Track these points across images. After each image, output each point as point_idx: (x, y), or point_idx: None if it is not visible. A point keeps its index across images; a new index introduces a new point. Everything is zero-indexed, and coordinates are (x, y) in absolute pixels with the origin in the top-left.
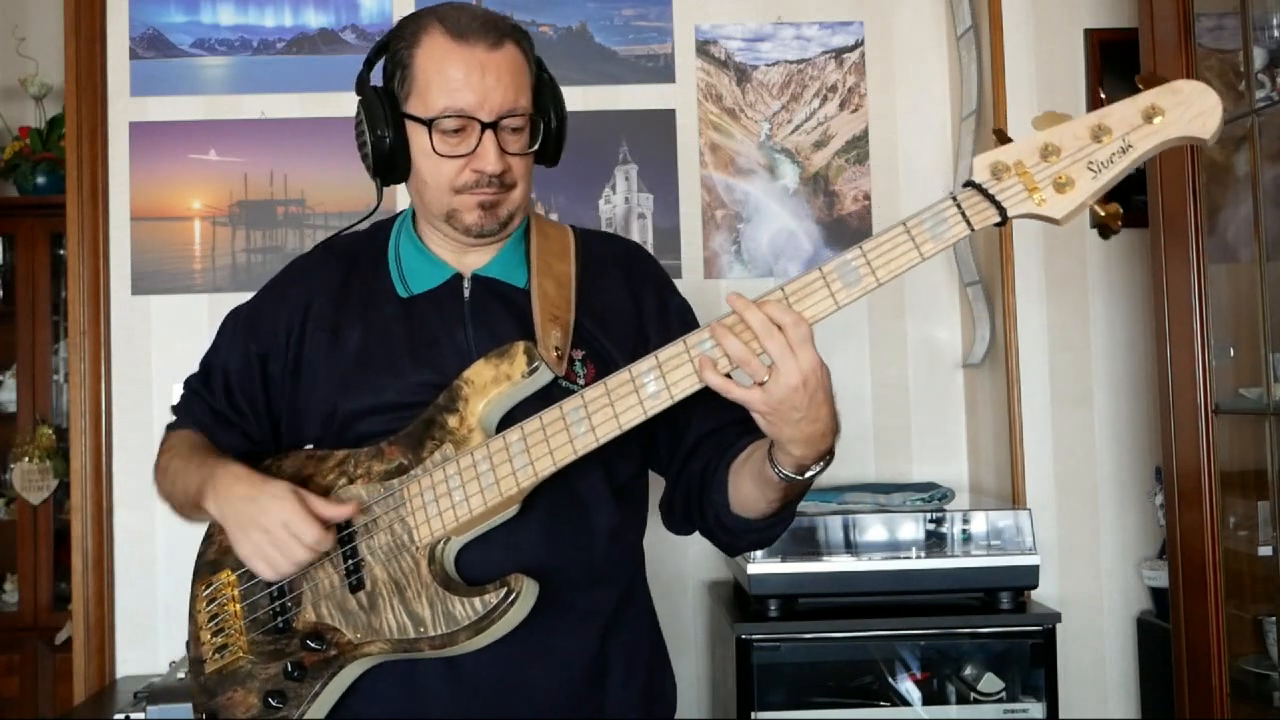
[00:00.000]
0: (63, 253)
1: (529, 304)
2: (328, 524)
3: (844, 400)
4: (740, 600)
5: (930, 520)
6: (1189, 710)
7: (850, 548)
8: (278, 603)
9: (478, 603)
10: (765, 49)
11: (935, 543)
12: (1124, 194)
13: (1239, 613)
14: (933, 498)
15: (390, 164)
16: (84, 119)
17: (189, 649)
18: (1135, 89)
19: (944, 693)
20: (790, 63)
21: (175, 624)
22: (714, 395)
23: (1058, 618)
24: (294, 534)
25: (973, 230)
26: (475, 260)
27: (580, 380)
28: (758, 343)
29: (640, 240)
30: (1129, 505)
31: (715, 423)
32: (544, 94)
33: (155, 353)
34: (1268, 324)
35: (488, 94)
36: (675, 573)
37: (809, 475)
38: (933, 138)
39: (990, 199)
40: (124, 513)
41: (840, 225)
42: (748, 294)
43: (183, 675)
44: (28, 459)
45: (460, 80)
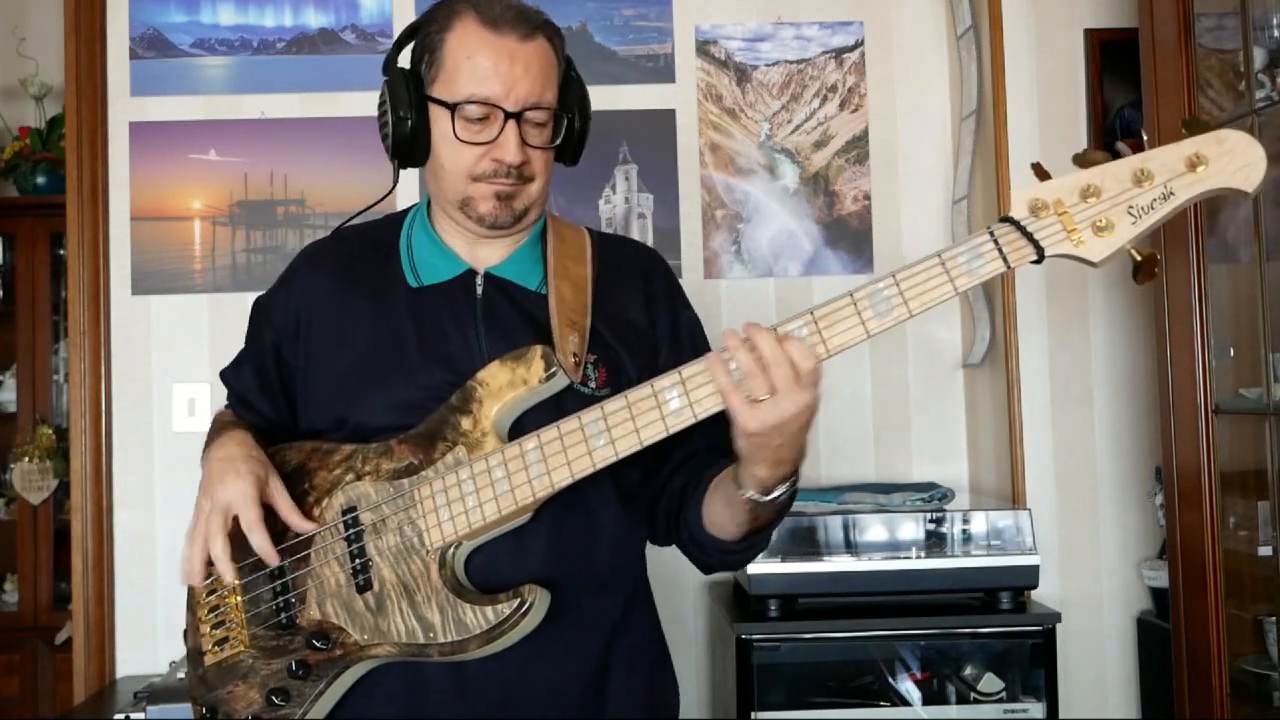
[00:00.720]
0: (63, 253)
1: (544, 307)
2: (289, 534)
3: (844, 400)
4: (740, 600)
5: (930, 520)
6: (1189, 710)
7: (850, 548)
8: (281, 598)
9: (490, 612)
10: (765, 49)
11: (935, 543)
12: None
13: (1239, 613)
14: (933, 498)
15: (409, 147)
16: (84, 119)
17: (186, 639)
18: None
19: (944, 693)
20: (790, 63)
21: (175, 624)
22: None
23: (1058, 618)
24: (239, 513)
25: (1009, 268)
26: (489, 256)
27: (592, 383)
28: (764, 367)
29: (640, 240)
30: (1129, 505)
31: (702, 442)
32: (571, 91)
33: (155, 353)
34: (1268, 324)
35: (515, 84)
36: (675, 573)
37: (773, 498)
38: (933, 138)
39: (1028, 237)
40: (124, 513)
41: (840, 225)
42: (747, 294)
43: (182, 675)
44: (28, 459)
45: (489, 68)
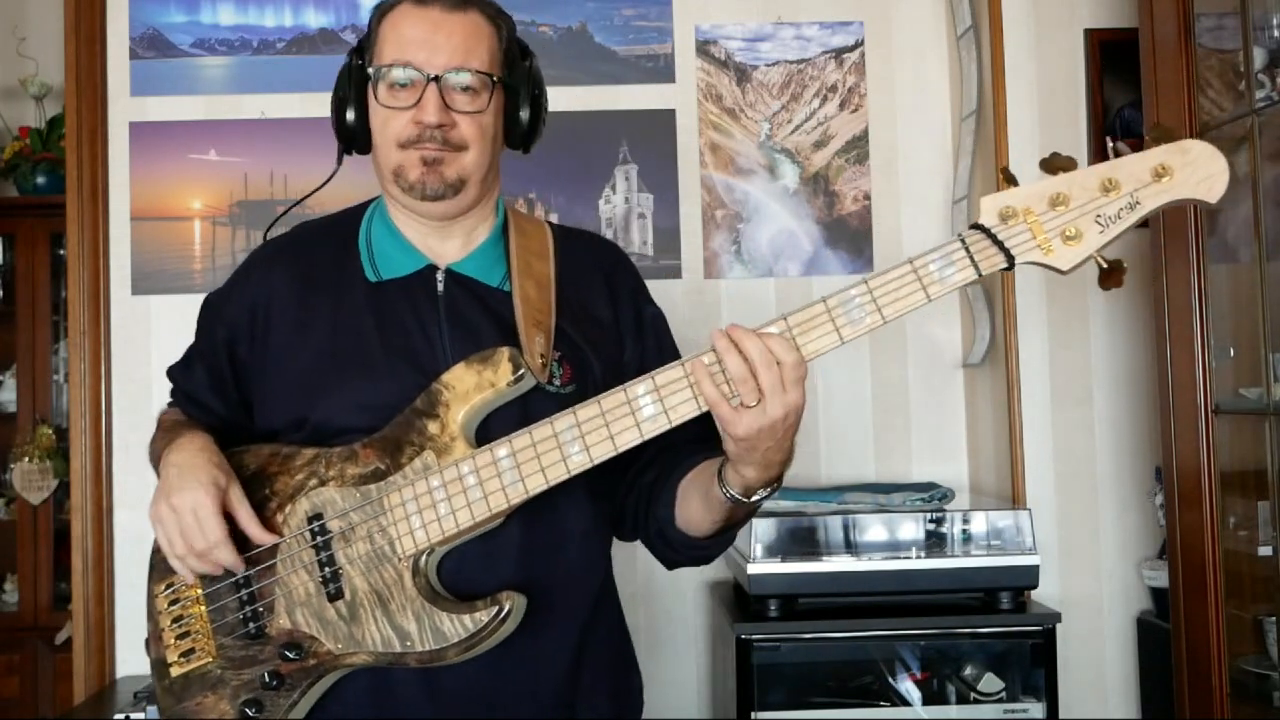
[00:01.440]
0: (63, 253)
1: (508, 306)
2: (247, 546)
3: (844, 400)
4: (740, 600)
5: (930, 520)
6: (1189, 710)
7: (850, 548)
8: (248, 608)
9: (468, 620)
10: (765, 49)
11: (935, 543)
12: None
13: (1239, 613)
14: (933, 498)
15: (351, 129)
16: (84, 119)
17: (149, 649)
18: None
19: (944, 693)
20: (790, 63)
21: None
22: None
23: (1058, 618)
24: (199, 525)
25: (980, 276)
26: (448, 251)
27: (556, 381)
28: (753, 372)
29: (640, 240)
30: (1129, 505)
31: (672, 438)
32: (517, 72)
33: (155, 353)
34: (1268, 324)
35: (436, 49)
36: (675, 573)
37: (755, 499)
38: (933, 138)
39: (999, 244)
40: (124, 513)
41: (840, 225)
42: (747, 294)
43: None
44: (28, 459)
45: (411, 35)
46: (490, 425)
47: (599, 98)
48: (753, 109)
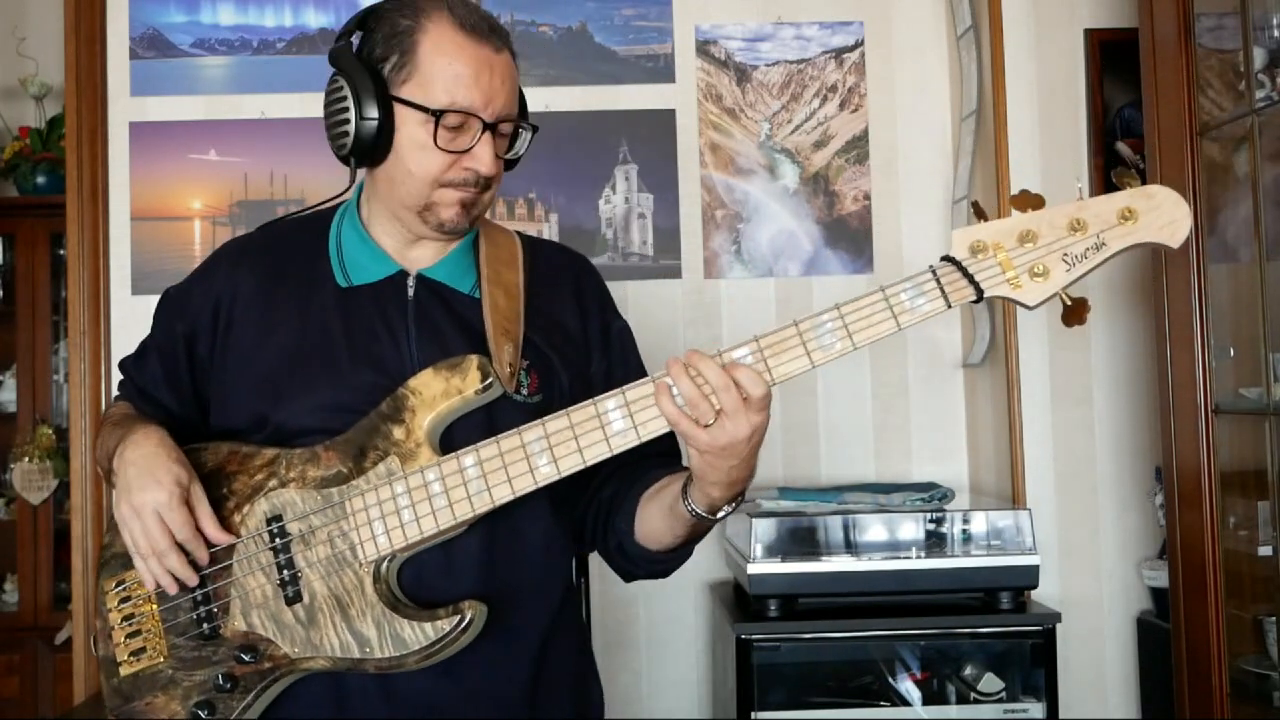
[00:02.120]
0: (63, 253)
1: (478, 313)
2: (210, 542)
3: (844, 400)
4: (740, 600)
5: (930, 520)
6: (1189, 710)
7: (850, 548)
8: (202, 609)
9: (429, 628)
10: (765, 49)
11: (935, 543)
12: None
13: (1239, 613)
14: (933, 498)
15: (371, 148)
16: (84, 119)
17: (96, 647)
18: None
19: (944, 693)
20: (790, 63)
21: None
22: None
23: (1058, 618)
24: (162, 525)
25: (949, 306)
26: (420, 257)
27: (524, 390)
28: (713, 393)
29: (640, 240)
30: (1129, 505)
31: (632, 452)
32: (521, 104)
33: None
34: (1268, 324)
35: (494, 95)
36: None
37: (719, 516)
38: (933, 138)
39: (969, 277)
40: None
41: (840, 225)
42: (747, 294)
43: None
44: (28, 459)
45: (470, 78)
46: (454, 433)
47: (599, 98)
48: (753, 109)
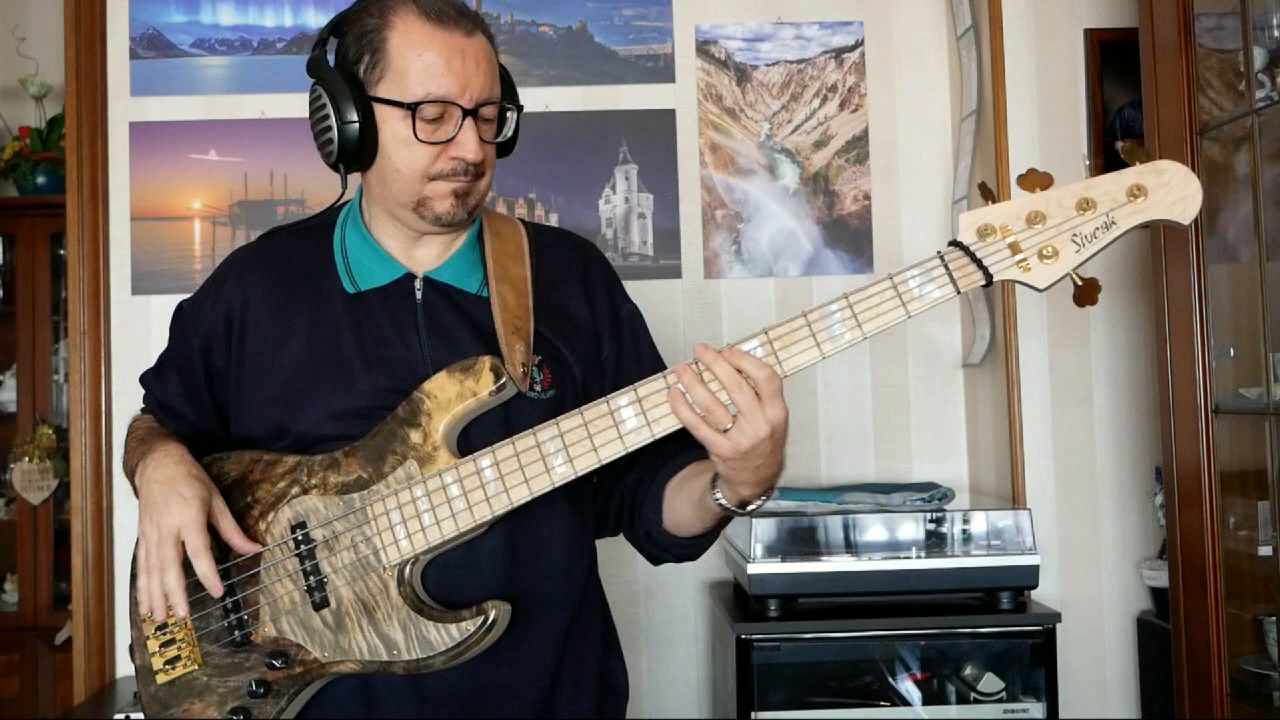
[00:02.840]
0: (63, 253)
1: (487, 313)
2: (228, 556)
3: (844, 400)
4: (740, 600)
5: (930, 520)
6: (1189, 710)
7: (850, 548)
8: (233, 616)
9: (454, 630)
10: (765, 49)
11: (935, 543)
12: None
13: (1239, 613)
14: (933, 498)
15: (358, 151)
16: (84, 119)
17: (133, 655)
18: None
19: (944, 693)
20: (790, 63)
21: None
22: None
23: (1058, 618)
24: (178, 543)
25: (959, 293)
26: (425, 258)
27: (538, 386)
28: (725, 393)
29: (640, 240)
30: (1129, 505)
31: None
32: (505, 84)
33: (155, 353)
34: (1268, 324)
35: (469, 80)
36: (675, 573)
37: (751, 508)
38: (933, 138)
39: (977, 261)
40: (124, 513)
41: (840, 225)
42: (747, 294)
43: None
44: (28, 459)
45: (441, 65)
46: (471, 433)
47: (599, 98)
48: (753, 109)
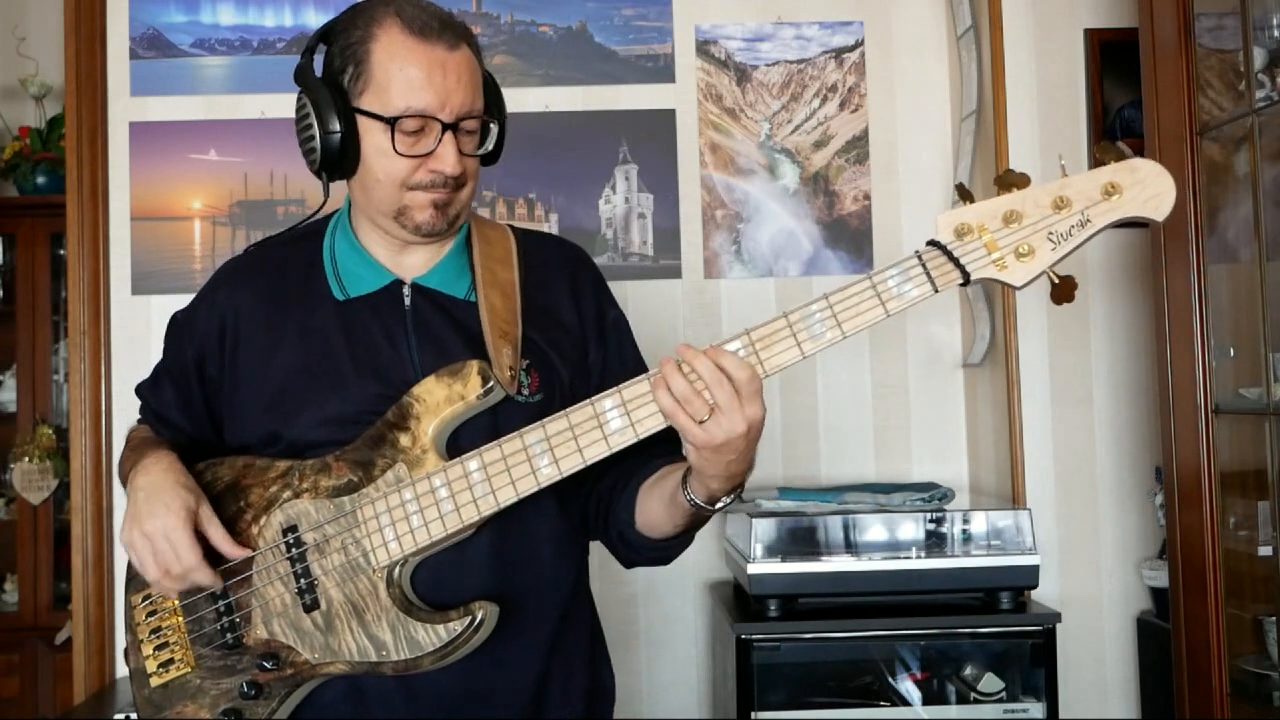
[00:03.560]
0: (63, 253)
1: (475, 318)
2: (221, 560)
3: (844, 400)
4: (740, 600)
5: (930, 520)
6: (1189, 710)
7: (850, 548)
8: (225, 619)
9: (442, 630)
10: (765, 49)
11: (935, 543)
12: None
13: (1239, 613)
14: (933, 498)
15: (339, 160)
16: (84, 119)
17: (128, 660)
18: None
19: (944, 693)
20: (790, 63)
21: None
22: None
23: (1058, 618)
24: (173, 549)
25: (936, 291)
26: (414, 264)
27: (525, 390)
28: (706, 387)
29: (640, 240)
30: (1129, 505)
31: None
32: (490, 95)
33: (155, 353)
34: (1268, 324)
35: (449, 95)
36: (675, 573)
37: (719, 506)
38: (933, 138)
39: (954, 260)
40: (124, 513)
41: (840, 225)
42: (747, 294)
43: None
44: (28, 459)
45: (422, 79)
46: (460, 437)
47: (599, 98)
48: (753, 109)
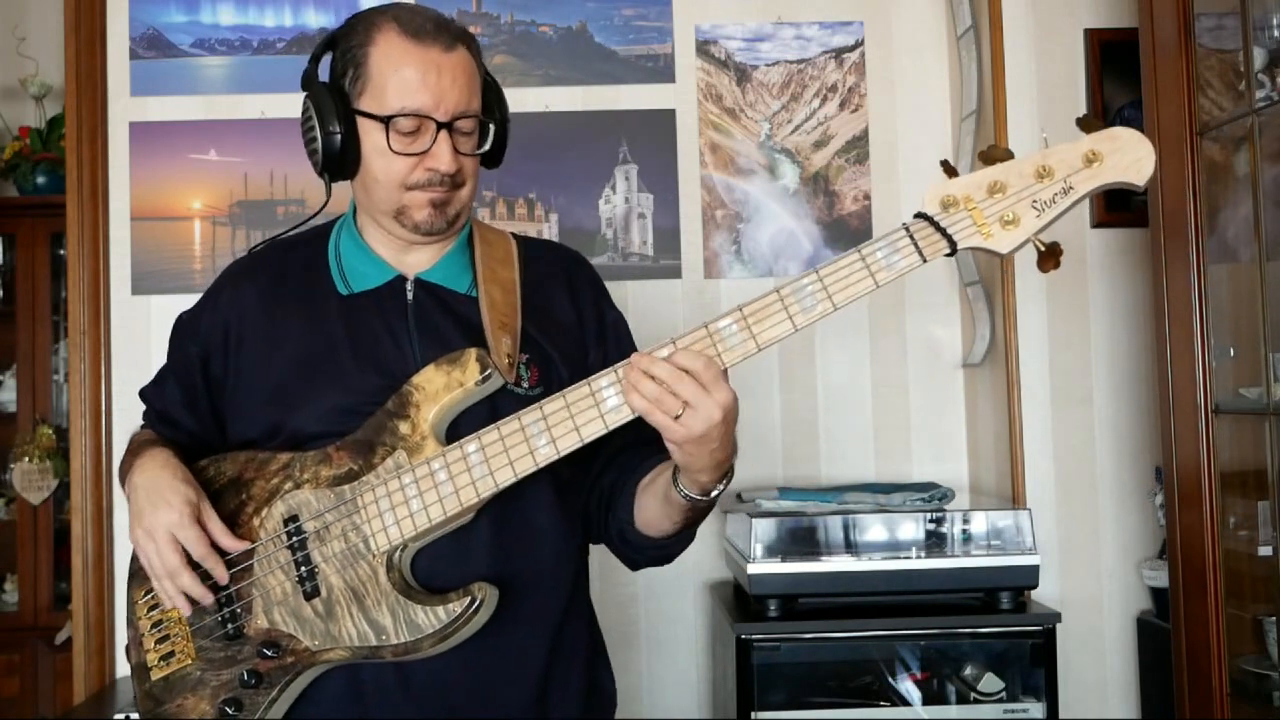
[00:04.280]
0: (63, 253)
1: (475, 311)
2: (224, 552)
3: (844, 400)
4: (740, 600)
5: (930, 520)
6: (1189, 710)
7: (850, 548)
8: (226, 610)
9: (441, 611)
10: (765, 49)
11: (935, 543)
12: (1125, 194)
13: (1239, 613)
14: (933, 498)
15: (340, 161)
16: (84, 119)
17: (129, 655)
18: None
19: (944, 693)
20: (790, 63)
21: None
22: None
23: (1058, 618)
24: (177, 544)
25: (925, 261)
26: (417, 262)
27: (525, 384)
28: (670, 390)
29: (640, 240)
30: (1129, 505)
31: (628, 438)
32: (490, 97)
33: (155, 353)
34: (1268, 324)
35: (444, 95)
36: (675, 573)
37: (713, 495)
38: (933, 138)
39: (941, 231)
40: (124, 513)
41: (840, 225)
42: (746, 293)
43: None
44: (28, 459)
45: (417, 80)
46: (460, 427)
47: (599, 98)
48: (753, 109)
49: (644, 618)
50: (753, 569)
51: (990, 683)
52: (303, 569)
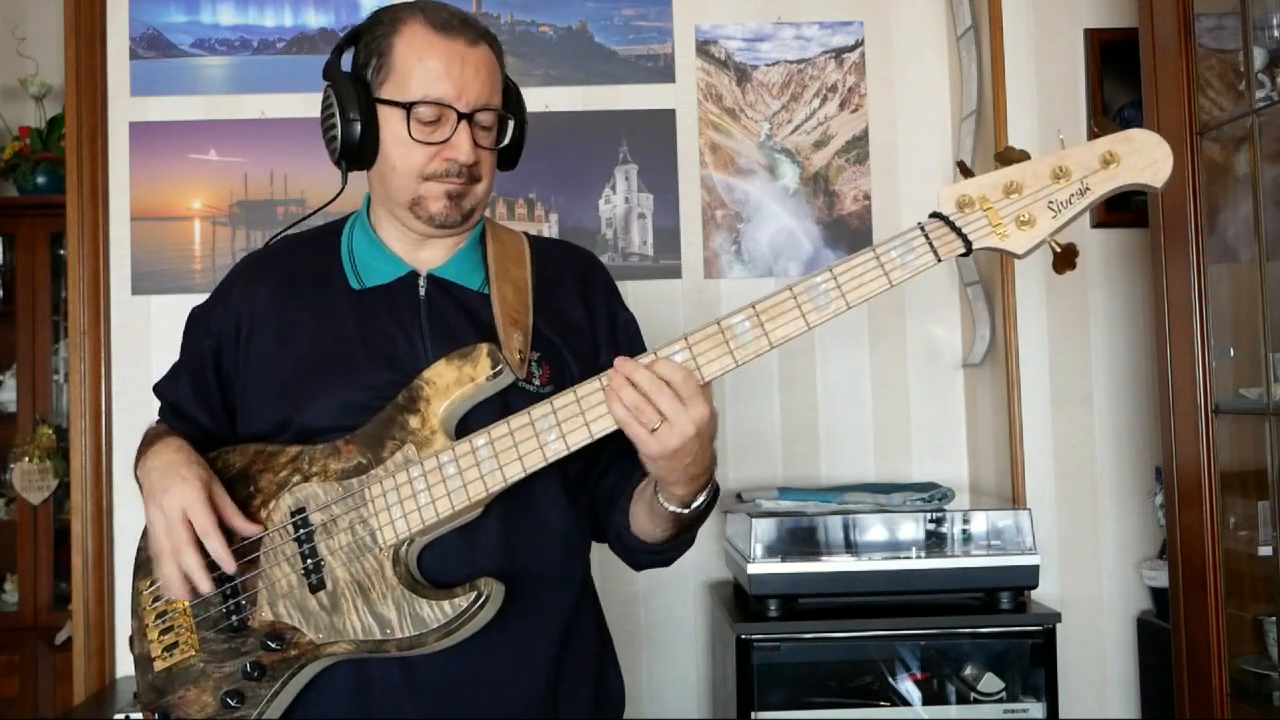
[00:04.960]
0: (63, 253)
1: (487, 307)
2: (235, 536)
3: (844, 400)
4: (740, 600)
5: (930, 520)
6: (1189, 710)
7: (850, 548)
8: (231, 601)
9: (447, 606)
10: (765, 49)
11: (935, 543)
12: (1124, 195)
13: (1239, 613)
14: (933, 498)
15: (359, 149)
16: (84, 119)
17: (133, 646)
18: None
19: (944, 693)
20: (790, 63)
21: None
22: None
23: (1058, 618)
24: (187, 522)
25: (939, 260)
26: (430, 258)
27: (536, 381)
28: (647, 399)
29: (640, 240)
30: (1129, 505)
31: (626, 443)
32: (510, 97)
33: (155, 353)
34: (1268, 324)
35: (466, 86)
36: (675, 573)
37: (695, 507)
38: (933, 138)
39: (956, 230)
40: (124, 513)
41: (840, 225)
42: (746, 293)
43: None
44: (28, 459)
45: (441, 70)
46: (471, 423)
47: (599, 98)
48: (753, 109)
49: (644, 617)
50: (753, 569)
51: (990, 683)
52: (309, 561)
